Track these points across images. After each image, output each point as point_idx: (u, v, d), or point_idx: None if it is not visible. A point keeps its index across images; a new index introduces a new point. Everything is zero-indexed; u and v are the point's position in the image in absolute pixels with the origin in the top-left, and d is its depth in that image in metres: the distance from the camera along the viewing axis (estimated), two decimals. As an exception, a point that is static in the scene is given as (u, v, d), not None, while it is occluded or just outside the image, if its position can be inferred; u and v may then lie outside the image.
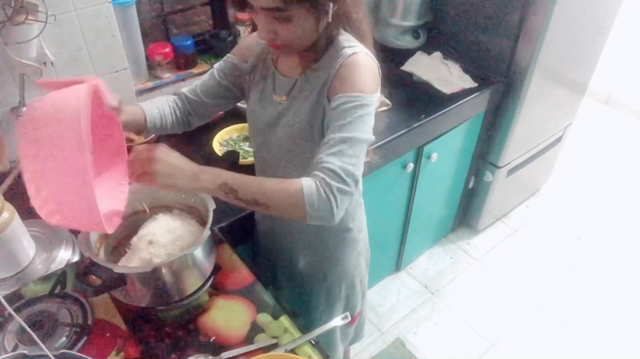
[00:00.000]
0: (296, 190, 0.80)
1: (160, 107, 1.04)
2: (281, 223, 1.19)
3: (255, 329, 0.97)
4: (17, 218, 1.05)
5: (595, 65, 2.27)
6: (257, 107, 1.04)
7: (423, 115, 1.68)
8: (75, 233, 1.09)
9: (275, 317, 0.99)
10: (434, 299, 2.24)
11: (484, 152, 2.20)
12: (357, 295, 1.33)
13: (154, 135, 1.46)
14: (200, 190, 0.83)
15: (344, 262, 1.22)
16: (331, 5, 0.85)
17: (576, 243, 2.52)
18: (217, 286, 1.05)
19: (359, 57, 0.89)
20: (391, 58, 1.98)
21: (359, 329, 1.48)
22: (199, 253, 0.95)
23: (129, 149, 0.83)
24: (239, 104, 1.66)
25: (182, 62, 1.70)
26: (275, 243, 1.26)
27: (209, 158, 1.38)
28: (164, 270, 0.91)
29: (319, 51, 0.92)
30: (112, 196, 0.80)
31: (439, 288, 2.28)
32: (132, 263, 0.94)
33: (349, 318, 1.02)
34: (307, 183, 0.81)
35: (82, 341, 0.93)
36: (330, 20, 0.87)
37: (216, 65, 1.08)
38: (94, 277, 0.90)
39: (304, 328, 0.98)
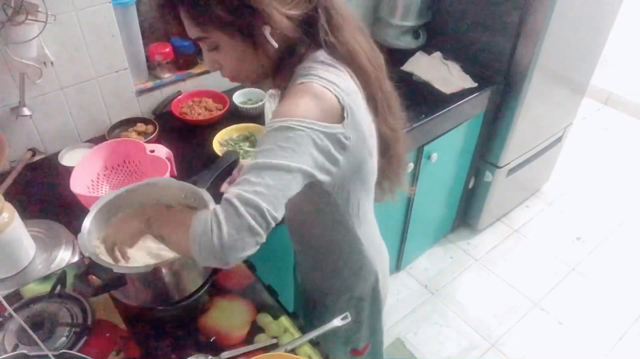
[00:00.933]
0: (188, 221, 0.72)
1: None
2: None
3: (255, 329, 0.97)
4: (17, 218, 1.04)
5: (595, 65, 2.27)
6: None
7: (423, 115, 1.68)
8: (75, 233, 1.09)
9: (275, 317, 0.99)
10: (434, 299, 2.24)
11: (484, 152, 2.20)
12: (360, 331, 1.21)
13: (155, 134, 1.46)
14: (137, 228, 0.86)
15: (333, 303, 1.14)
16: (267, 29, 0.77)
17: (576, 243, 2.52)
18: (217, 286, 1.05)
19: (305, 87, 0.77)
20: (391, 58, 1.98)
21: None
22: (199, 253, 0.95)
23: None
24: (239, 104, 1.67)
25: (182, 62, 1.70)
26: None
27: (209, 158, 1.38)
28: (164, 270, 0.91)
29: (283, 79, 0.86)
30: None
31: (439, 288, 2.28)
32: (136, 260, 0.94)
33: (349, 318, 1.02)
34: (199, 215, 0.72)
35: (82, 341, 0.93)
36: (275, 46, 0.79)
37: None
38: (94, 277, 0.90)
39: (304, 328, 0.98)
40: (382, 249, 1.15)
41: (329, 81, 0.78)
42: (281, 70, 0.86)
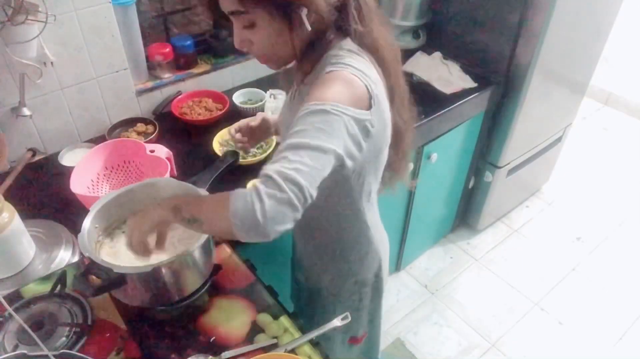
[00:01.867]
0: (225, 199, 0.72)
1: None
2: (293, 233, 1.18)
3: (255, 329, 0.97)
4: (17, 218, 1.05)
5: (595, 65, 2.27)
6: (283, 110, 1.07)
7: (423, 115, 1.68)
8: (75, 233, 1.09)
9: (275, 317, 0.99)
10: (434, 299, 2.24)
11: (484, 152, 2.20)
12: (360, 319, 1.24)
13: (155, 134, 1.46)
14: (163, 216, 0.81)
15: (338, 288, 1.17)
16: (305, 11, 0.78)
17: (576, 243, 2.52)
18: (217, 286, 1.05)
19: (337, 74, 0.80)
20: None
21: (370, 348, 1.39)
22: (198, 253, 0.95)
23: None
24: (239, 104, 1.67)
25: (182, 62, 1.70)
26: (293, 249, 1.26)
27: (209, 158, 1.38)
28: (164, 270, 0.91)
29: (310, 64, 0.88)
30: None
31: (439, 288, 2.28)
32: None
33: (349, 318, 1.02)
34: (237, 191, 0.72)
35: (82, 341, 0.93)
36: (309, 29, 0.80)
37: None
38: (94, 277, 0.90)
39: (304, 328, 0.98)
40: (385, 236, 1.18)
41: (358, 69, 0.81)
42: (308, 55, 0.86)
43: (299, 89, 0.94)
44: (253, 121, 1.23)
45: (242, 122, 1.24)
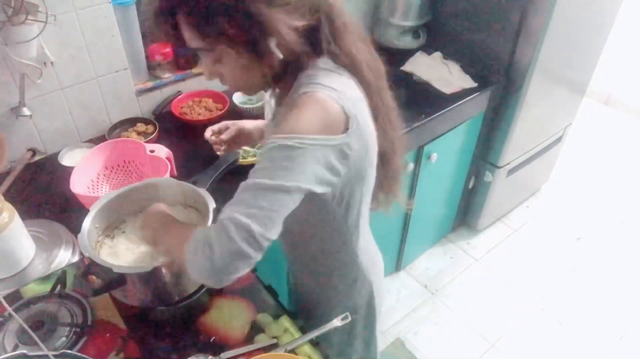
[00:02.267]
0: (182, 242, 0.76)
1: None
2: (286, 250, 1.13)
3: (255, 329, 0.97)
4: (17, 218, 1.05)
5: (595, 65, 2.27)
6: (269, 123, 1.04)
7: (423, 115, 1.68)
8: (75, 233, 1.09)
9: (275, 317, 0.99)
10: (434, 299, 2.24)
11: (484, 152, 2.20)
12: (352, 345, 1.20)
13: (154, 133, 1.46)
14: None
15: (327, 313, 1.09)
16: (273, 40, 0.74)
17: (576, 243, 2.52)
18: (217, 286, 1.04)
19: (309, 97, 0.75)
20: (391, 58, 1.98)
21: None
22: (199, 253, 0.95)
23: None
24: (239, 104, 1.67)
25: (182, 62, 1.70)
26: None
27: (209, 158, 1.38)
28: (164, 270, 0.91)
29: (286, 86, 0.84)
30: None
31: (439, 288, 2.28)
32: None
33: (349, 318, 1.02)
34: (194, 236, 0.75)
35: (82, 341, 0.93)
36: (280, 57, 0.77)
37: None
38: (94, 277, 0.90)
39: (304, 328, 0.98)
40: (378, 260, 1.13)
41: (332, 89, 0.76)
42: (283, 78, 0.84)
43: (277, 110, 0.91)
44: (226, 133, 1.19)
45: (222, 125, 1.20)
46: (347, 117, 0.76)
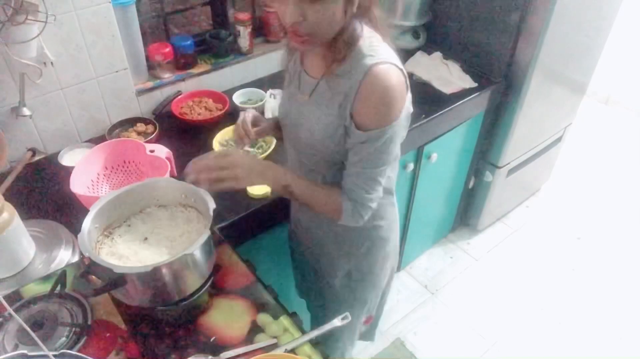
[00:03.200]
0: (337, 209, 1.00)
1: None
2: (311, 217, 1.21)
3: (255, 329, 0.97)
4: (17, 218, 1.04)
5: (595, 65, 2.27)
6: (286, 103, 1.08)
7: (423, 115, 1.68)
8: (75, 233, 1.09)
9: (275, 317, 0.99)
10: (434, 299, 2.24)
11: (484, 152, 2.20)
12: (378, 297, 1.36)
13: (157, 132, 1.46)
14: (272, 184, 0.99)
15: (370, 263, 1.24)
16: None
17: (576, 243, 2.52)
18: (217, 286, 1.04)
19: (380, 73, 0.87)
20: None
21: (373, 328, 1.51)
22: (198, 253, 0.95)
23: None
24: (239, 104, 1.67)
25: (182, 62, 1.70)
26: (306, 234, 1.27)
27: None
28: (164, 270, 0.91)
29: (340, 53, 0.89)
30: None
31: (439, 288, 2.28)
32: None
33: (349, 318, 1.01)
34: (346, 207, 1.00)
35: (82, 341, 0.93)
36: (354, 11, 0.84)
37: None
38: (94, 277, 0.90)
39: (304, 328, 0.98)
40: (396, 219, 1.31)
41: (393, 58, 0.90)
42: (339, 36, 0.88)
43: (325, 81, 0.95)
44: (248, 122, 1.19)
45: (248, 116, 1.21)
46: (405, 77, 0.92)
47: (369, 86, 0.87)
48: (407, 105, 0.95)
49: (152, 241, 1.00)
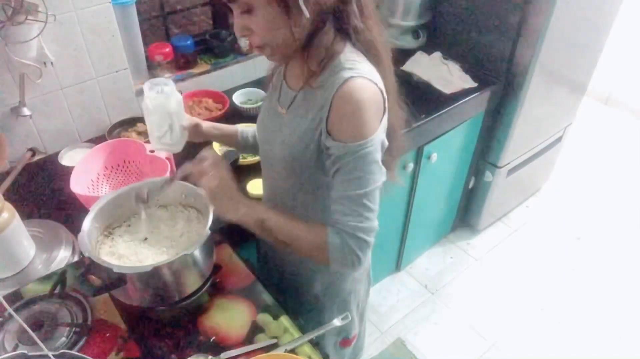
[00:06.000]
0: (322, 245, 0.87)
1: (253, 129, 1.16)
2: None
3: (255, 329, 0.97)
4: (17, 218, 1.05)
5: (595, 65, 2.27)
6: (264, 115, 1.04)
7: (423, 115, 1.68)
8: (75, 233, 1.09)
9: (275, 317, 0.99)
10: (434, 299, 2.24)
11: (484, 152, 2.20)
12: (353, 320, 1.24)
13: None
14: (239, 220, 0.90)
15: (337, 285, 1.15)
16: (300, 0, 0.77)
17: (576, 243, 2.52)
18: (217, 286, 1.05)
19: (356, 86, 0.82)
20: (391, 58, 1.99)
21: (357, 350, 1.40)
22: (198, 253, 0.95)
23: None
24: (239, 104, 1.67)
25: (182, 62, 1.70)
26: (274, 249, 1.21)
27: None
28: (164, 270, 0.91)
29: (318, 65, 0.86)
30: None
31: (439, 288, 2.28)
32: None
33: (349, 318, 1.02)
34: (332, 241, 0.86)
35: (82, 341, 0.93)
36: (307, 15, 0.79)
37: None
38: (93, 277, 0.90)
39: (304, 329, 0.98)
40: None
41: (372, 75, 0.85)
42: (312, 48, 0.85)
43: (302, 93, 0.91)
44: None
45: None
46: (384, 98, 0.86)
47: (342, 98, 0.82)
48: (383, 127, 0.87)
49: (152, 241, 1.00)
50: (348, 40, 0.87)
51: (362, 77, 0.83)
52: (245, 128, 1.22)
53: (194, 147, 1.50)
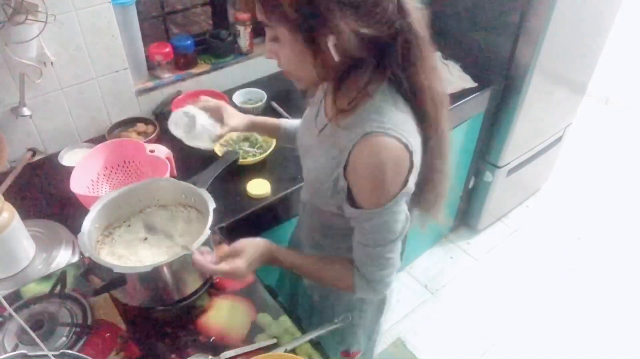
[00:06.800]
0: (349, 286, 0.94)
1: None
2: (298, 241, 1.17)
3: (255, 329, 0.97)
4: (17, 218, 1.04)
5: (595, 65, 2.27)
6: (303, 126, 1.03)
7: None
8: (75, 233, 1.09)
9: (275, 317, 0.99)
10: (434, 299, 2.24)
11: (484, 152, 2.20)
12: (356, 335, 1.21)
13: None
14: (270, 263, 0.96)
15: (338, 299, 1.14)
16: (332, 38, 0.72)
17: (576, 243, 2.52)
18: (217, 286, 1.05)
19: (373, 145, 0.77)
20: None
21: None
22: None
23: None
24: (239, 104, 1.67)
25: (182, 62, 1.70)
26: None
27: (209, 159, 1.37)
28: (164, 270, 0.91)
29: (349, 104, 0.81)
30: None
31: (439, 288, 2.28)
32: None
33: (350, 318, 1.02)
34: (359, 284, 0.93)
35: (82, 341, 0.93)
36: (336, 59, 0.74)
37: None
38: (94, 277, 0.90)
39: (304, 328, 0.98)
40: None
41: (399, 128, 0.78)
42: (343, 86, 0.81)
43: (331, 125, 0.88)
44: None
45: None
46: (410, 153, 0.79)
47: (358, 159, 0.79)
48: (409, 187, 0.82)
49: (152, 241, 1.00)
50: (388, 82, 0.81)
51: (384, 132, 0.76)
52: (288, 122, 1.21)
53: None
